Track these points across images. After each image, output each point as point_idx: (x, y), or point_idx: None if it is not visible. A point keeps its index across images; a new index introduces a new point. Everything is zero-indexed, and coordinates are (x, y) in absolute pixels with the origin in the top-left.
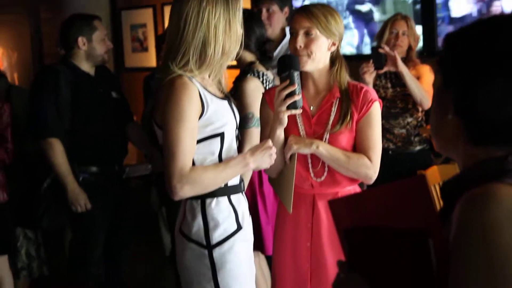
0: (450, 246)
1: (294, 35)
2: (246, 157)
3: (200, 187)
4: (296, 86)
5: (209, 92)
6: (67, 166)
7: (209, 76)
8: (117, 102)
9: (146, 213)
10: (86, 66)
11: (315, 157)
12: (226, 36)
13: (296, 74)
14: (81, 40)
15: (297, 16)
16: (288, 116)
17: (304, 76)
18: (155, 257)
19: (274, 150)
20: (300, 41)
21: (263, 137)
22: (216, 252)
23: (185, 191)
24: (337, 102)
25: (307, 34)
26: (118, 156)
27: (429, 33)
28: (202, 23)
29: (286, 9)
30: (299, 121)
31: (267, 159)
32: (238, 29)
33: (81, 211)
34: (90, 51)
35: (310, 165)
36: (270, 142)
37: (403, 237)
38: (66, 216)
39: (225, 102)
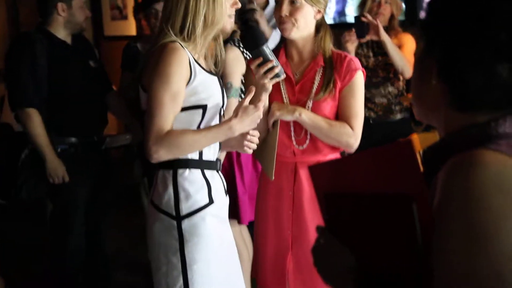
0: (434, 212)
1: (279, 3)
2: (231, 123)
3: (177, 151)
4: (272, 60)
5: (197, 63)
6: (46, 137)
7: (202, 51)
8: (95, 71)
9: (127, 183)
10: (63, 34)
11: (297, 125)
12: (209, 8)
13: (266, 49)
14: (60, 6)
15: None
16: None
17: (289, 44)
18: (136, 226)
19: (260, 112)
20: (285, 9)
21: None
22: (185, 224)
23: (160, 153)
24: (321, 70)
25: (292, 2)
26: (97, 126)
27: (411, 2)
28: None
29: None
30: (283, 88)
31: (252, 122)
32: (223, 1)
33: (59, 183)
34: (69, 17)
35: (292, 133)
36: (259, 104)
37: (387, 202)
38: (45, 187)
39: (215, 78)
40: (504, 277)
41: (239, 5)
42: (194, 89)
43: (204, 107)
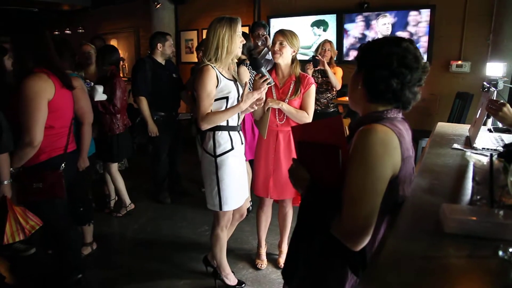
0: (349, 155)
1: (274, 44)
2: (240, 104)
3: (212, 123)
4: (267, 76)
5: (222, 75)
6: (148, 111)
7: (227, 69)
8: (176, 79)
9: (188, 137)
10: (160, 59)
11: (279, 110)
12: (229, 43)
13: (263, 69)
14: (159, 45)
15: (276, 34)
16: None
17: (277, 66)
18: (192, 159)
19: (255, 95)
20: (277, 47)
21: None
22: (218, 159)
23: (204, 126)
24: (294, 83)
25: (281, 43)
26: (175, 107)
27: (340, 51)
28: (216, 37)
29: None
30: (273, 91)
31: (250, 102)
32: (236, 40)
33: (154, 136)
34: (163, 51)
35: (276, 114)
36: (255, 94)
37: (326, 148)
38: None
39: (232, 82)
40: (373, 185)
41: (244, 41)
42: (220, 89)
43: (227, 98)
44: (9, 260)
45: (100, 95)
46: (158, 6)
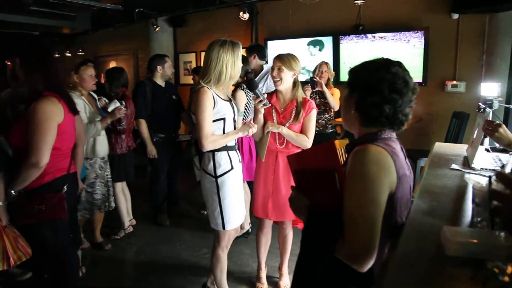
0: (346, 175)
1: (273, 69)
2: (238, 130)
3: (214, 145)
4: (261, 98)
5: (218, 96)
6: (148, 133)
7: (222, 89)
8: (176, 101)
9: (187, 158)
10: (160, 81)
11: (280, 134)
12: (232, 69)
13: (258, 91)
14: (158, 67)
15: (275, 59)
16: (267, 112)
17: (278, 91)
18: (191, 181)
19: (253, 127)
20: (276, 72)
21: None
22: (219, 180)
23: (207, 147)
24: (295, 108)
25: (279, 69)
26: (174, 128)
27: (337, 73)
28: (219, 62)
29: (254, 55)
30: (274, 115)
31: (246, 131)
32: (238, 65)
33: (153, 157)
34: (163, 73)
35: (277, 138)
36: (251, 123)
37: (322, 172)
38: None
39: (227, 103)
40: (372, 204)
41: (241, 64)
42: (217, 110)
43: (224, 119)
44: (4, 285)
45: (115, 104)
46: (157, 29)
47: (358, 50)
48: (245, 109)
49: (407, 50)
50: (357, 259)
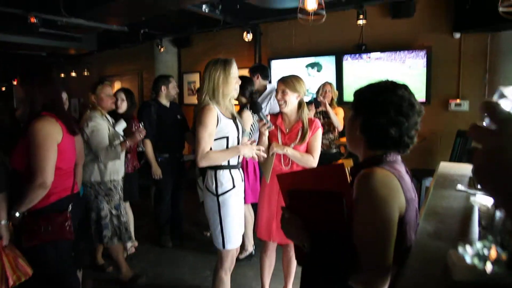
0: (353, 200)
1: (277, 92)
2: (239, 147)
3: (209, 162)
4: (264, 121)
5: (222, 114)
6: (152, 153)
7: (226, 108)
8: (180, 121)
9: (191, 179)
10: (165, 102)
11: (285, 155)
12: (224, 86)
13: (261, 114)
14: (163, 87)
15: (278, 82)
16: (272, 133)
17: (283, 113)
18: (194, 202)
19: (254, 147)
20: (280, 95)
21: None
22: (220, 198)
23: (200, 162)
24: (301, 129)
25: (283, 92)
26: (179, 148)
27: (340, 93)
28: (211, 80)
29: (257, 76)
30: (279, 136)
31: (250, 151)
32: (231, 82)
33: (158, 178)
34: (167, 93)
35: (282, 159)
36: (254, 144)
37: (328, 195)
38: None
39: (231, 121)
40: (384, 228)
41: (240, 82)
42: (220, 128)
43: (227, 138)
44: None
45: (122, 125)
46: (162, 49)
47: (361, 70)
48: (251, 129)
49: (409, 69)
50: (373, 284)
